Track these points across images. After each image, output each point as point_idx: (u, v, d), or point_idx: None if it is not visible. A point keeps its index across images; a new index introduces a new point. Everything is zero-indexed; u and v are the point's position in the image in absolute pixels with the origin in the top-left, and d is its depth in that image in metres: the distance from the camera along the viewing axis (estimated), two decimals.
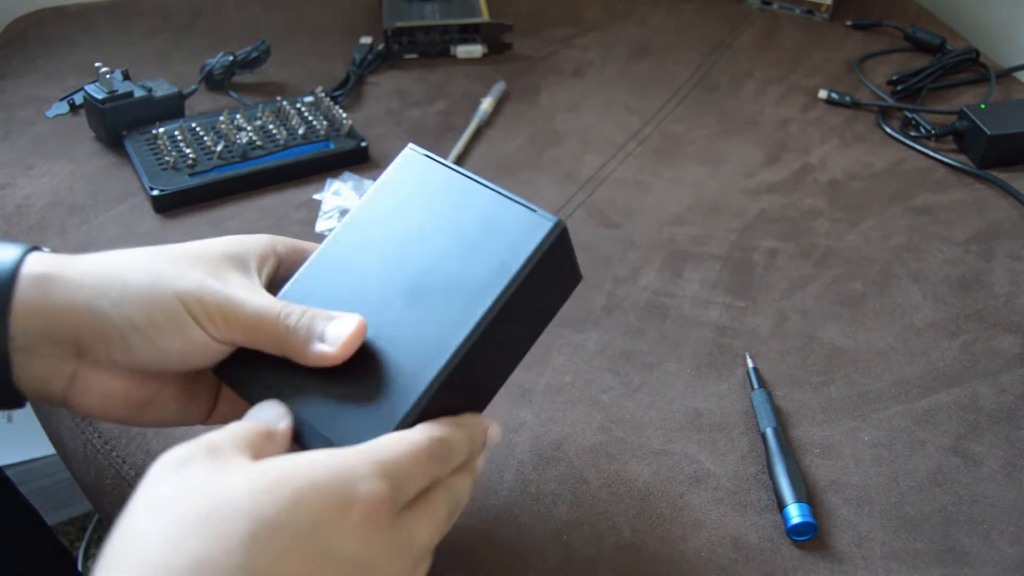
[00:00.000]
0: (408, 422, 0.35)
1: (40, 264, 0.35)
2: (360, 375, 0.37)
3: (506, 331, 0.38)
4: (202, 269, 0.37)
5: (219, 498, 0.28)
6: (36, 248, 0.37)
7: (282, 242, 0.42)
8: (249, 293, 0.37)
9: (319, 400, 0.37)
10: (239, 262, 0.39)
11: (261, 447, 0.32)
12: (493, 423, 0.39)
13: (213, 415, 0.41)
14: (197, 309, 0.36)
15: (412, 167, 0.42)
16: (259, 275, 0.39)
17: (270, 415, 0.35)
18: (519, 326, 0.39)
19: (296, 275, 0.41)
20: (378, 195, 0.42)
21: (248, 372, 0.38)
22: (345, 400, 0.36)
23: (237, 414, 0.39)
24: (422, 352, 0.36)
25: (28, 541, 0.64)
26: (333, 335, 0.36)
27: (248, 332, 0.37)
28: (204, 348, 0.36)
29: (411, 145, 0.43)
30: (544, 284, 0.39)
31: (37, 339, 0.35)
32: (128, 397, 0.38)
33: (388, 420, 0.35)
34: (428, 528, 0.34)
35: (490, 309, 0.36)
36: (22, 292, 0.34)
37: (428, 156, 0.42)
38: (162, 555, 0.27)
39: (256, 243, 0.40)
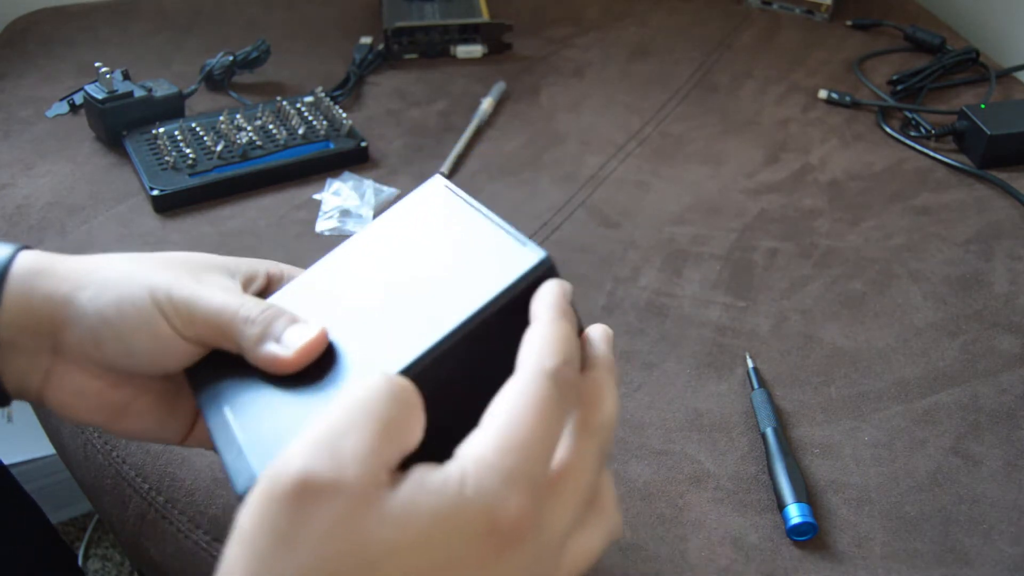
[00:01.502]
0: None
1: (30, 260, 0.36)
2: (297, 394, 0.34)
3: (474, 363, 0.34)
4: (182, 270, 0.37)
5: (356, 556, 0.24)
6: (27, 247, 0.37)
7: (275, 265, 0.41)
8: (219, 291, 0.36)
9: (247, 410, 0.34)
10: (225, 271, 0.38)
11: (407, 437, 0.28)
12: (597, 327, 0.34)
13: (190, 437, 0.40)
14: (165, 303, 0.35)
15: (432, 197, 0.41)
16: (243, 288, 0.38)
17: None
18: (494, 362, 0.34)
19: (280, 290, 0.40)
20: (388, 219, 0.41)
21: (209, 376, 0.36)
22: (265, 418, 0.33)
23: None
24: (354, 378, 0.33)
25: (31, 539, 0.64)
26: (290, 339, 0.34)
27: (209, 327, 0.35)
28: (173, 346, 0.35)
29: (438, 175, 0.42)
30: (523, 324, 0.35)
31: (18, 330, 0.35)
32: (102, 399, 0.37)
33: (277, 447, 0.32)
34: (569, 500, 0.29)
35: (451, 333, 0.32)
36: (11, 287, 0.35)
37: (448, 188, 0.40)
38: None
39: (247, 261, 0.40)
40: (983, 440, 0.53)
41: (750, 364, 0.57)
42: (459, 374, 0.33)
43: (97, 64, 0.73)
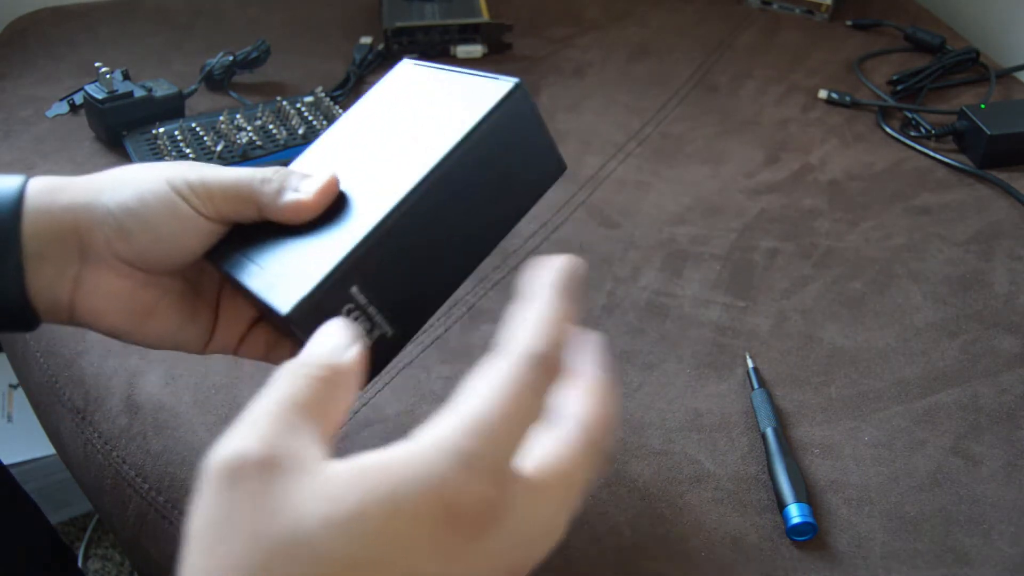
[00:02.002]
0: (341, 273, 0.35)
1: (44, 181, 0.38)
2: (317, 235, 0.37)
3: (461, 200, 0.37)
4: (195, 164, 0.40)
5: (295, 533, 0.23)
6: (34, 175, 0.39)
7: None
8: (230, 170, 0.39)
9: (275, 259, 0.37)
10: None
11: (328, 411, 0.27)
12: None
13: (211, 344, 0.43)
14: (182, 187, 0.38)
15: (405, 76, 0.44)
16: None
17: (328, 348, 0.29)
18: (479, 200, 0.38)
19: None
20: (368, 98, 0.44)
21: (230, 250, 0.40)
22: (294, 258, 0.37)
23: (233, 345, 0.43)
24: (366, 210, 0.37)
25: (31, 539, 0.64)
26: (307, 186, 0.38)
27: (227, 198, 0.38)
28: (195, 227, 0.38)
29: (406, 59, 0.45)
30: (507, 155, 0.39)
31: (44, 242, 0.37)
32: (131, 301, 0.39)
33: (320, 270, 0.35)
34: (561, 496, 0.28)
35: (435, 167, 0.36)
36: (30, 203, 0.37)
37: (420, 63, 0.44)
38: None
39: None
40: (983, 440, 0.53)
41: (750, 364, 0.57)
42: (447, 205, 0.37)
43: (97, 64, 0.73)
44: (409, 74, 0.44)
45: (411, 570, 0.24)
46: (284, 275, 0.36)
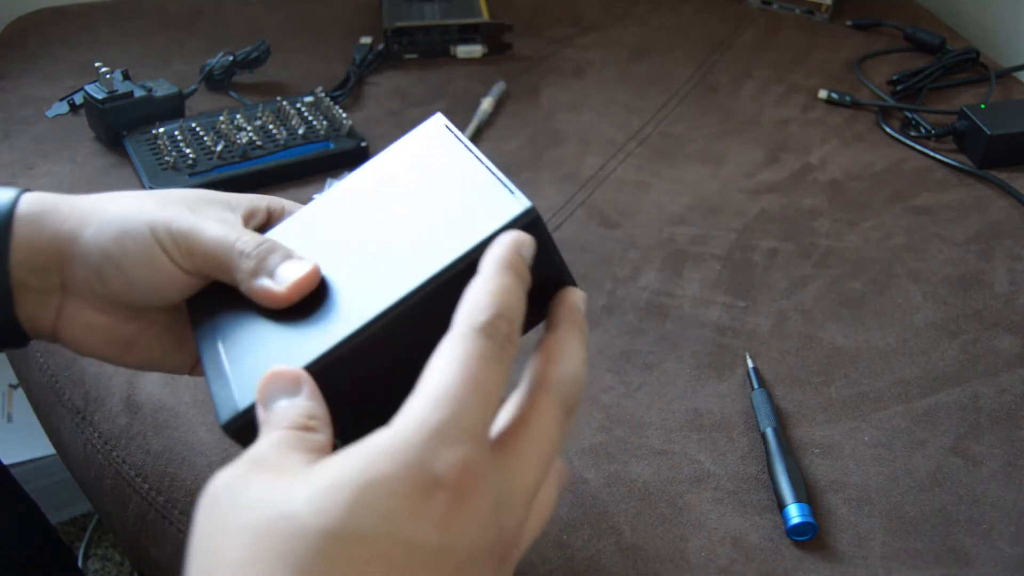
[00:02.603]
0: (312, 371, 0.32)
1: (34, 202, 0.37)
2: (288, 326, 0.35)
3: (444, 321, 0.33)
4: (183, 205, 0.38)
5: (276, 514, 0.24)
6: (28, 190, 0.38)
7: (276, 200, 0.42)
8: (217, 224, 0.37)
9: (238, 342, 0.35)
10: (226, 205, 0.39)
11: (308, 436, 0.28)
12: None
13: (198, 367, 0.41)
14: (164, 237, 0.36)
15: (430, 136, 0.41)
16: (244, 222, 0.39)
17: (284, 395, 0.30)
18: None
19: (278, 225, 0.41)
20: (387, 156, 0.42)
21: (208, 307, 0.37)
22: (255, 349, 0.34)
23: None
24: (341, 309, 0.34)
25: (31, 539, 0.64)
26: (284, 275, 0.35)
27: (207, 259, 0.36)
28: (172, 278, 0.37)
29: (439, 114, 0.42)
30: None
31: (30, 272, 0.36)
32: (112, 333, 0.38)
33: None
34: (533, 455, 0.28)
35: (431, 280, 0.32)
36: (18, 229, 0.36)
37: (448, 128, 0.41)
38: None
39: (249, 197, 0.41)
40: (983, 440, 0.53)
41: (750, 364, 0.57)
42: (441, 315, 0.32)
43: (97, 64, 0.73)
44: (434, 138, 0.41)
45: (402, 539, 0.24)
46: (236, 374, 0.34)
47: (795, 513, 0.46)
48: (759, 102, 0.89)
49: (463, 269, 0.33)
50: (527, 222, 0.33)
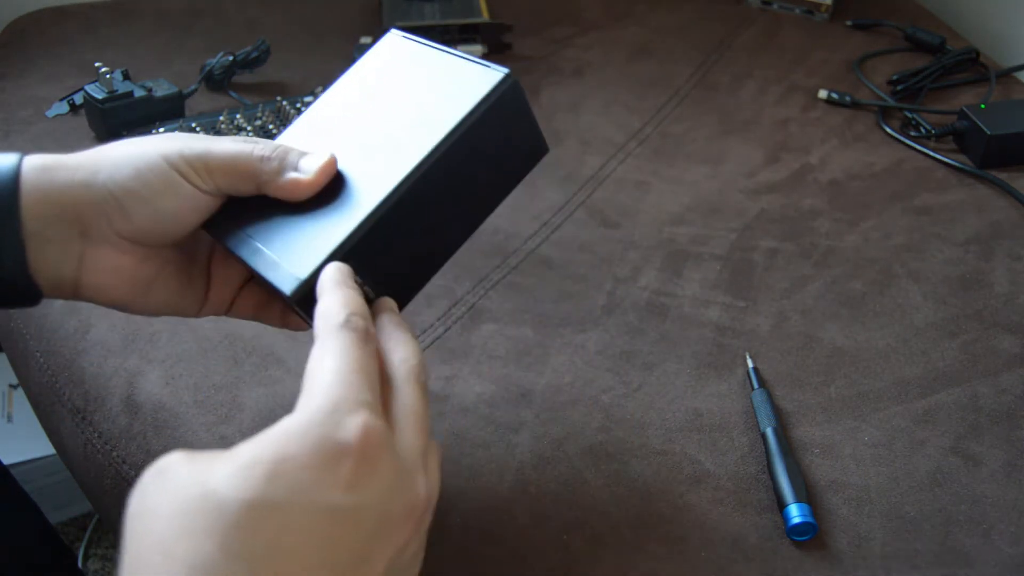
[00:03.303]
0: (340, 255, 0.37)
1: (38, 159, 0.38)
2: (315, 215, 0.39)
3: (452, 185, 0.39)
4: (185, 137, 0.40)
5: (198, 493, 0.27)
6: (27, 154, 0.40)
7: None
8: (229, 142, 0.39)
9: (274, 236, 0.39)
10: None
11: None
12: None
13: (205, 308, 0.44)
14: (180, 163, 0.38)
15: (393, 49, 0.45)
16: None
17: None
18: (469, 184, 0.41)
19: (279, 135, 0.44)
20: (357, 69, 0.45)
21: (228, 223, 0.41)
22: (293, 237, 0.38)
23: (225, 306, 0.45)
24: (364, 192, 0.38)
25: (31, 539, 0.64)
26: (306, 165, 0.39)
27: (227, 174, 0.39)
28: (194, 202, 0.39)
29: (394, 29, 0.46)
30: (496, 140, 0.41)
31: (45, 222, 0.38)
32: (133, 274, 0.40)
33: (321, 251, 0.37)
34: (416, 424, 0.33)
35: (430, 153, 0.38)
36: (27, 181, 0.37)
37: (407, 37, 0.45)
38: (158, 568, 0.26)
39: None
40: (983, 440, 0.53)
41: (750, 364, 0.57)
42: (440, 189, 0.39)
43: (97, 64, 0.73)
44: (397, 47, 0.45)
45: (313, 504, 0.27)
46: (285, 255, 0.38)
47: (795, 513, 0.46)
48: (759, 102, 0.89)
49: (468, 131, 0.39)
50: (508, 84, 0.40)
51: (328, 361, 0.31)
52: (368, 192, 0.38)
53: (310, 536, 0.27)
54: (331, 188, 0.39)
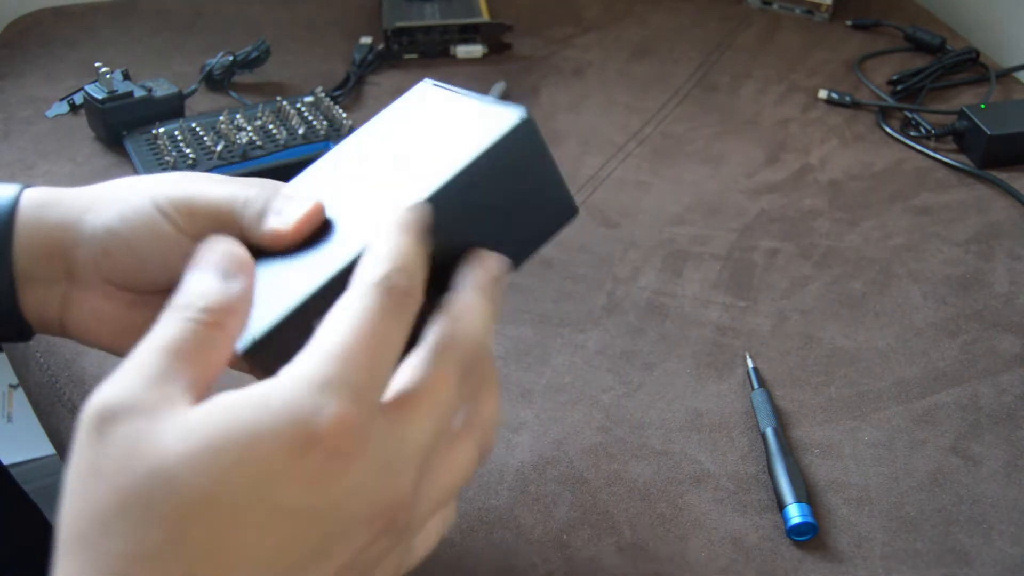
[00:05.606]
0: (301, 311, 0.32)
1: (37, 195, 0.38)
2: (293, 263, 0.35)
3: (451, 238, 0.34)
4: (181, 178, 0.38)
5: (152, 468, 0.24)
6: (29, 186, 0.39)
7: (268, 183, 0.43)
8: (216, 184, 0.37)
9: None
10: (218, 178, 0.40)
11: (205, 356, 0.27)
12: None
13: None
14: (166, 205, 0.36)
15: (421, 98, 0.43)
16: None
17: (204, 289, 0.29)
18: (468, 238, 0.35)
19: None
20: (380, 118, 0.43)
21: None
22: (265, 286, 0.35)
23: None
24: (347, 237, 0.34)
25: (31, 539, 0.64)
26: (289, 211, 0.35)
27: (211, 219, 0.36)
28: (178, 247, 0.36)
29: (426, 79, 0.44)
30: (506, 191, 0.36)
31: (35, 261, 0.37)
32: (118, 321, 0.38)
33: (280, 308, 0.32)
34: (423, 415, 0.28)
35: (434, 196, 0.33)
36: (23, 217, 0.37)
37: (437, 85, 0.42)
38: (96, 544, 0.24)
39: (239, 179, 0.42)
40: (983, 440, 0.53)
41: (750, 364, 0.57)
42: (440, 237, 0.33)
43: (97, 64, 0.73)
44: (425, 96, 0.43)
45: (272, 501, 0.24)
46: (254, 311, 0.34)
47: (795, 513, 0.46)
48: (759, 102, 0.89)
49: (472, 175, 0.34)
50: (524, 123, 0.35)
51: (340, 325, 0.27)
52: (349, 241, 0.34)
53: (262, 534, 0.24)
54: (318, 235, 0.36)
